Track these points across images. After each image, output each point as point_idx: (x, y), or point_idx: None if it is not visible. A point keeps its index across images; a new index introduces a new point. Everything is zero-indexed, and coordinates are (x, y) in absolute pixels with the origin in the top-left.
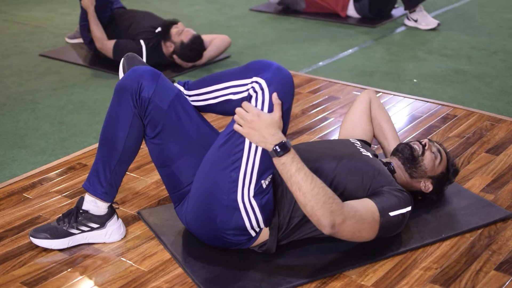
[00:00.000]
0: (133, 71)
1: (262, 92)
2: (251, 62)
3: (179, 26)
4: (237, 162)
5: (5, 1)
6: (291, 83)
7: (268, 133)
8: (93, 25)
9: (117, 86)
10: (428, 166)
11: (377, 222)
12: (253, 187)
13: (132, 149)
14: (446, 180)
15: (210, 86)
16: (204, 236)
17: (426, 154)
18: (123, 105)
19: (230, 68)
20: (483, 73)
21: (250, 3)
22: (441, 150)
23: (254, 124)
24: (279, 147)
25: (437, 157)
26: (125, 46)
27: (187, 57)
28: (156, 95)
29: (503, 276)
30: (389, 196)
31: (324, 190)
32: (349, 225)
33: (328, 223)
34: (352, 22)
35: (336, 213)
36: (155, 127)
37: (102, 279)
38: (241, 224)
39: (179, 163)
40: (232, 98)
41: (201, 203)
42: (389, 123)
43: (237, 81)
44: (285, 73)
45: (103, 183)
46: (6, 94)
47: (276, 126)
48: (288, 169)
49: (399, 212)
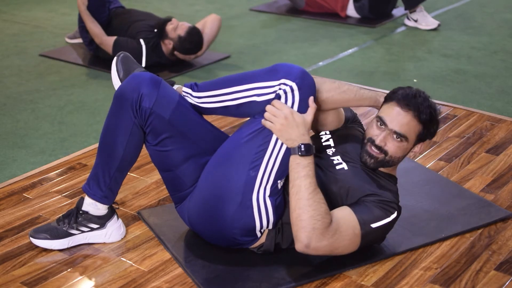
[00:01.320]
0: (133, 78)
1: (292, 94)
2: (276, 64)
3: (174, 22)
4: (258, 161)
5: (5, 1)
6: (315, 89)
7: (298, 132)
8: (89, 23)
9: (116, 94)
10: (399, 154)
11: (358, 237)
12: (269, 187)
13: (131, 156)
14: (430, 129)
15: (229, 87)
16: (208, 234)
17: (388, 149)
18: (122, 114)
19: (249, 71)
20: (483, 73)
21: (250, 3)
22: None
23: (287, 122)
24: (304, 146)
25: (402, 141)
26: (126, 44)
27: (187, 49)
28: (157, 105)
29: (503, 276)
30: (372, 207)
31: (319, 206)
32: (326, 245)
33: (303, 239)
34: (352, 22)
35: (316, 232)
36: (157, 135)
37: (102, 279)
38: (251, 224)
39: (184, 167)
40: (256, 100)
41: (211, 200)
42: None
43: (262, 83)
44: (311, 78)
45: (103, 188)
46: (6, 94)
47: (306, 128)
48: (298, 171)
49: (382, 223)
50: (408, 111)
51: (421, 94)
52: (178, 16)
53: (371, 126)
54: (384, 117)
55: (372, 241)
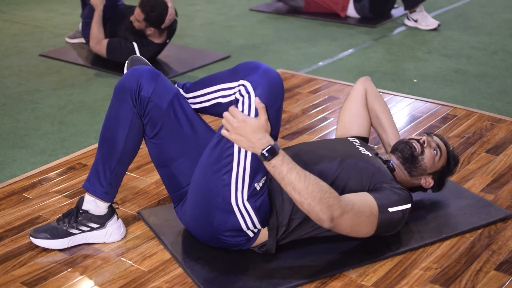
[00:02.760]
0: (133, 70)
1: (248, 95)
2: (239, 64)
3: (132, 18)
4: (228, 166)
5: (5, 1)
6: (279, 84)
7: (255, 138)
8: (96, 23)
9: (116, 86)
10: (428, 164)
11: (375, 217)
12: (246, 190)
13: (132, 149)
14: (447, 172)
15: (204, 88)
16: (203, 237)
17: (425, 153)
18: (122, 105)
19: (222, 70)
20: (483, 73)
21: (250, 3)
22: (440, 144)
23: (241, 130)
24: (266, 151)
25: (437, 154)
26: (119, 46)
27: (159, 16)
28: (156, 95)
29: (503, 276)
30: (389, 192)
31: (319, 185)
32: (347, 218)
33: (327, 218)
34: (352, 22)
35: (334, 207)
36: (154, 126)
37: (102, 279)
38: (237, 225)
39: (178, 163)
40: (222, 102)
41: (198, 205)
42: (387, 114)
43: (226, 84)
44: (272, 74)
45: (103, 183)
46: (6, 94)
47: (262, 130)
48: (279, 171)
49: (399, 209)
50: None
51: None
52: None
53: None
54: (431, 134)
55: (388, 226)
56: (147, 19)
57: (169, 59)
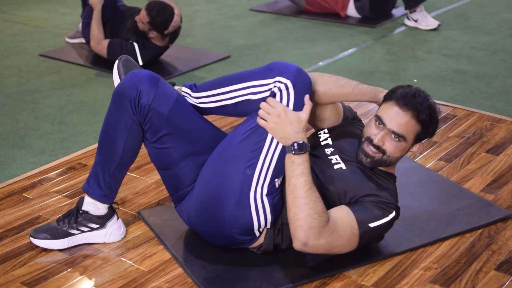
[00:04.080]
0: (132, 75)
1: (287, 91)
2: (271, 63)
3: (137, 19)
4: (254, 159)
5: (5, 1)
6: (311, 87)
7: (292, 129)
8: (95, 23)
9: (115, 91)
10: (397, 153)
11: (356, 236)
12: (267, 185)
13: (131, 153)
14: (429, 129)
15: (226, 87)
16: (207, 233)
17: (386, 149)
18: (121, 111)
19: (246, 70)
20: (483, 73)
21: (250, 3)
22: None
23: (281, 119)
24: (297, 144)
25: (400, 141)
26: (120, 46)
27: (164, 22)
28: (156, 102)
29: (503, 276)
30: (371, 208)
31: (315, 204)
32: (324, 243)
33: (301, 238)
34: (352, 22)
35: (313, 230)
36: (156, 132)
37: (102, 279)
38: (249, 223)
39: (182, 165)
40: (252, 98)
41: (209, 200)
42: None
43: (258, 81)
44: (306, 75)
45: (103, 187)
46: (6, 94)
47: (301, 125)
48: (293, 169)
49: (380, 223)
50: (407, 111)
51: (420, 94)
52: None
53: (369, 125)
54: (383, 116)
55: (370, 240)
56: (151, 23)
57: (169, 59)
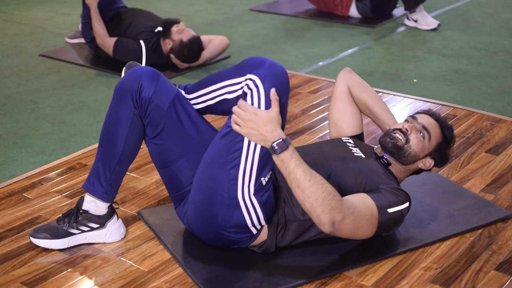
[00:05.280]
0: (133, 71)
1: (257, 89)
2: (245, 59)
3: (181, 26)
4: (236, 160)
5: (5, 1)
6: (286, 78)
7: (266, 130)
8: (95, 21)
9: (117, 87)
10: (418, 150)
11: (375, 219)
12: (253, 185)
13: (132, 149)
14: (446, 146)
15: (207, 87)
16: (205, 235)
17: (411, 139)
18: (123, 105)
19: (224, 68)
20: (483, 73)
21: (250, 3)
22: (428, 123)
23: (252, 123)
24: (277, 144)
25: (424, 136)
26: (126, 45)
27: (184, 56)
28: (156, 95)
29: (503, 276)
30: (387, 193)
31: (324, 186)
32: (348, 222)
33: (328, 221)
34: (352, 22)
35: (335, 210)
36: (155, 127)
37: (102, 279)
38: (242, 221)
39: (180, 163)
40: (228, 97)
41: (202, 202)
42: (376, 101)
43: (232, 80)
44: (279, 68)
45: (103, 184)
46: (6, 94)
47: (274, 123)
48: (286, 166)
49: (397, 209)
50: (436, 121)
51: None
52: (178, 16)
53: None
54: (415, 116)
55: (387, 227)
56: (179, 44)
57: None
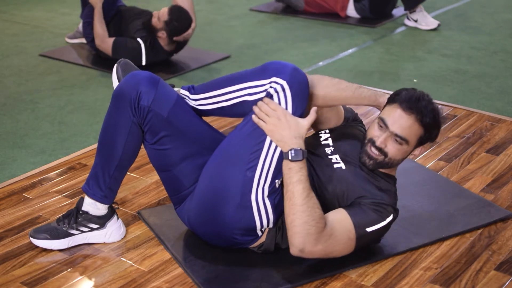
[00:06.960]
0: (132, 76)
1: (284, 93)
2: (267, 63)
3: (154, 14)
4: (254, 161)
5: (5, 1)
6: (308, 87)
7: (290, 135)
8: (97, 22)
9: (115, 92)
10: (399, 156)
11: (352, 240)
12: (267, 186)
13: (130, 155)
14: (432, 133)
15: (222, 88)
16: (208, 235)
17: (388, 152)
18: (121, 113)
19: (242, 70)
20: (483, 73)
21: (250, 3)
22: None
23: (280, 123)
24: (294, 151)
25: (402, 144)
26: (125, 44)
27: (179, 27)
28: (156, 103)
29: (503, 276)
30: (368, 211)
31: (313, 211)
32: (320, 249)
33: (298, 244)
34: (352, 22)
35: (311, 237)
36: (155, 134)
37: (102, 279)
38: (251, 223)
39: (182, 167)
40: (248, 99)
41: (209, 201)
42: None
43: (253, 82)
44: (303, 75)
45: (102, 188)
46: (6, 94)
47: (300, 132)
48: (291, 176)
49: (377, 227)
50: (410, 114)
51: (425, 97)
52: None
53: (372, 127)
54: (386, 119)
55: (366, 244)
56: (167, 24)
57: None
